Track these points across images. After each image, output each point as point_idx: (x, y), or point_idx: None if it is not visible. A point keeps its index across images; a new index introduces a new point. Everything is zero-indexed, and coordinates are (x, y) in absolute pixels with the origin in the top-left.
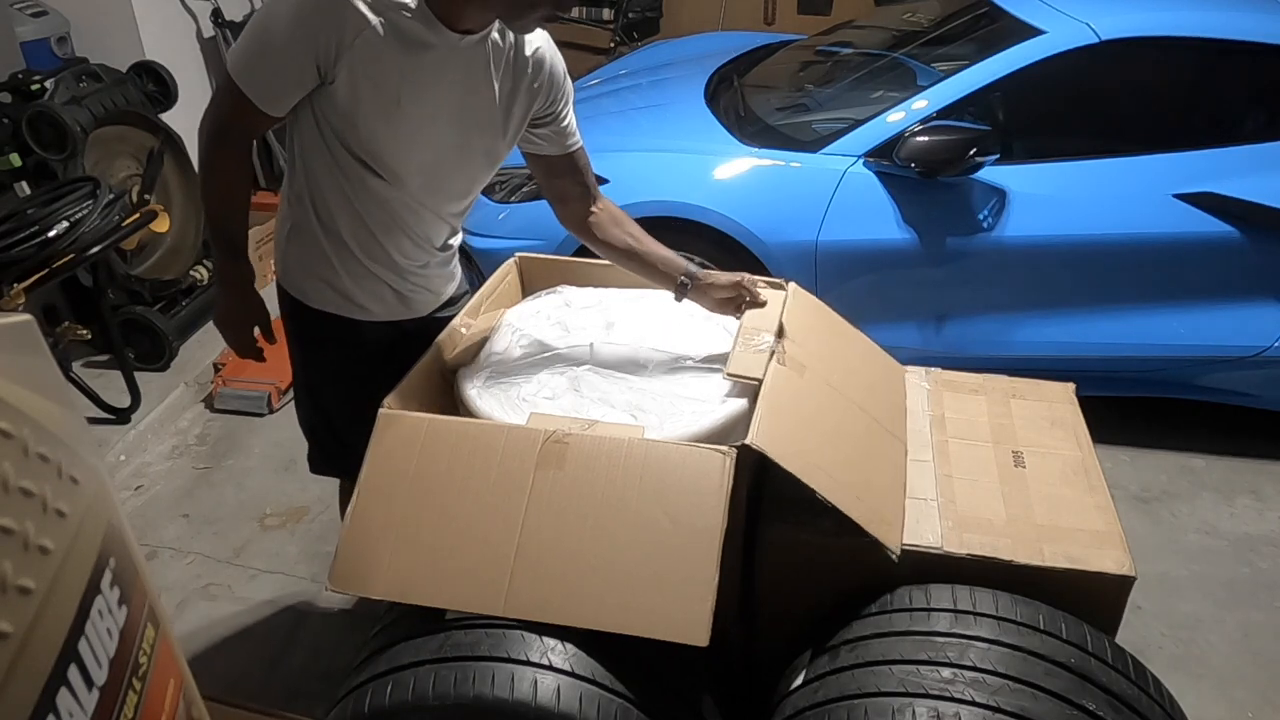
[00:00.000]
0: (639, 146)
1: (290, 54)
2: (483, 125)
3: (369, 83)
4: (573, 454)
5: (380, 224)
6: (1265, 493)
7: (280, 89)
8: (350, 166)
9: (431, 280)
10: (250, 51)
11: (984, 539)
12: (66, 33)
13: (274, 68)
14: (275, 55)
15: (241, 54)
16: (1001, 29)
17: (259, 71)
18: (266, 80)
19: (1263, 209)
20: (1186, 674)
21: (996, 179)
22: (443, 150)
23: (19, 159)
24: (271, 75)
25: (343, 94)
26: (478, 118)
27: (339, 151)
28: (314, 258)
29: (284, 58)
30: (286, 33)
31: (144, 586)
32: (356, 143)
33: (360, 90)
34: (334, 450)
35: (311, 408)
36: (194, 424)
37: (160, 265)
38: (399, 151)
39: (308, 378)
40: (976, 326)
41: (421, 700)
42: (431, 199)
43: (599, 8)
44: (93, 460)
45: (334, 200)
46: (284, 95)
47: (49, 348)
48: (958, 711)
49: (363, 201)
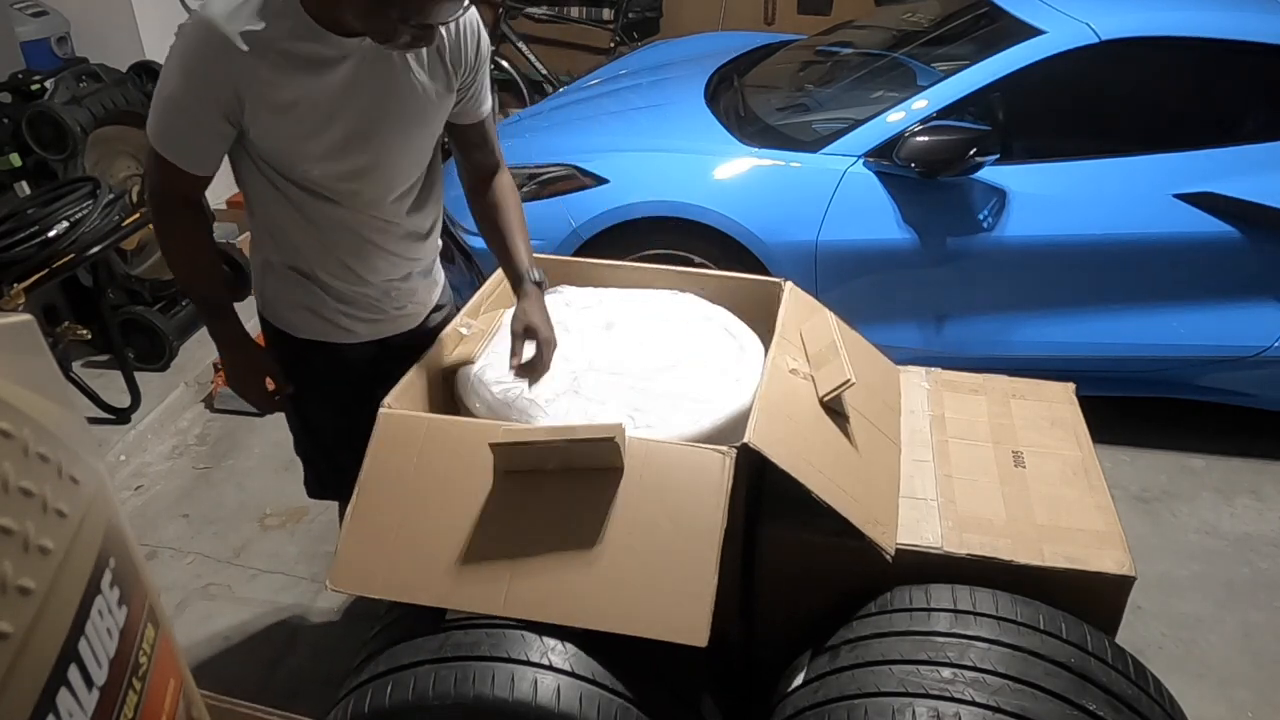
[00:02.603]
0: (639, 146)
1: (196, 115)
2: (415, 115)
3: (286, 118)
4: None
5: (348, 249)
6: (1265, 493)
7: (202, 149)
8: (303, 200)
9: (418, 292)
10: (161, 119)
11: (984, 539)
12: (66, 33)
13: (187, 131)
14: (184, 118)
15: (155, 122)
16: (1001, 29)
17: (175, 137)
18: (185, 144)
19: (1263, 209)
20: (1186, 674)
21: (996, 179)
22: (384, 153)
23: (19, 159)
24: (188, 138)
25: (265, 137)
26: (408, 109)
27: (286, 187)
28: (292, 289)
29: (192, 119)
30: (185, 96)
31: (144, 586)
32: (298, 175)
33: (280, 128)
34: (329, 475)
35: (304, 433)
36: (194, 424)
37: (160, 265)
38: (342, 169)
39: (297, 405)
40: (976, 326)
41: (421, 700)
42: (388, 206)
43: (599, 8)
44: (93, 460)
45: (297, 236)
46: (207, 155)
47: (49, 348)
48: (958, 711)
49: (324, 231)
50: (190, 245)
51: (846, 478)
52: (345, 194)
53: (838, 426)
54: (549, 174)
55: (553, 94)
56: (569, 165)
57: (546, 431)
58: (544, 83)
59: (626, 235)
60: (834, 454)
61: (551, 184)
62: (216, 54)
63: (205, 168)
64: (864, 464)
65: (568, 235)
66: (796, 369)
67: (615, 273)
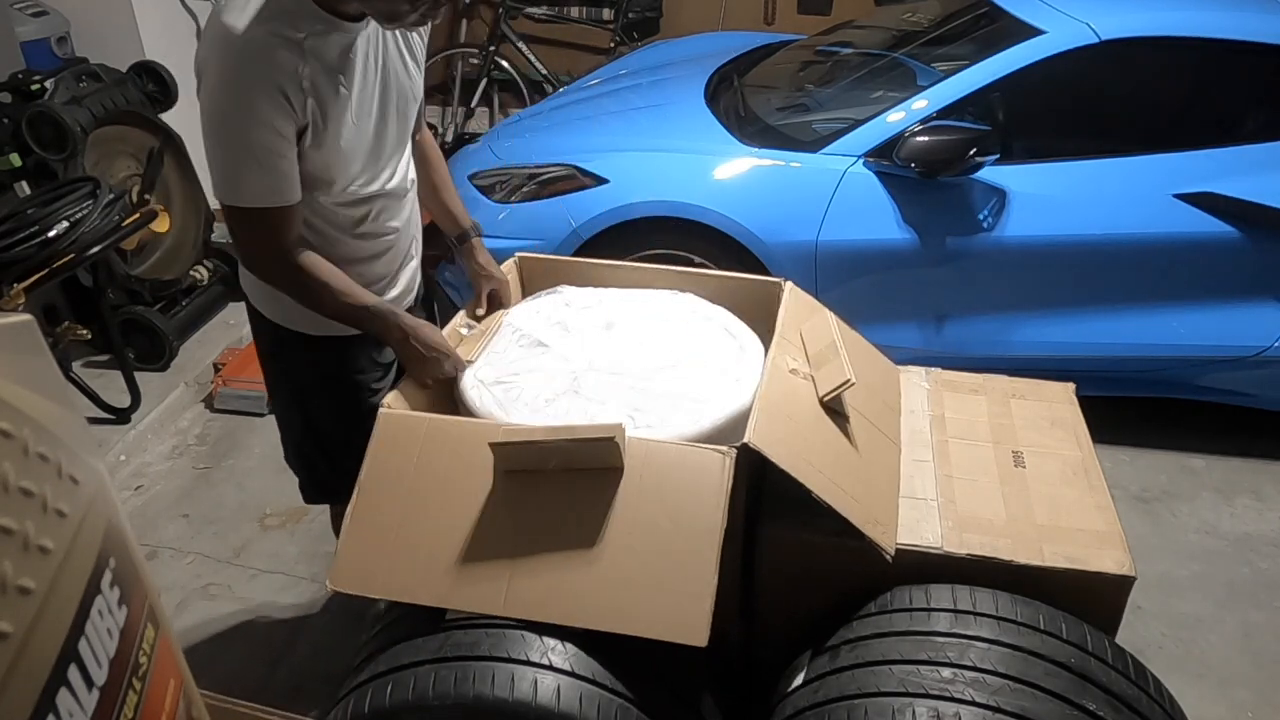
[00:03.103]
0: (639, 146)
1: (265, 137)
2: (412, 93)
3: (333, 107)
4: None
5: (361, 229)
6: (1265, 493)
7: (284, 173)
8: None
9: (410, 260)
10: (231, 170)
11: (984, 539)
12: (66, 33)
13: (263, 159)
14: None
15: (228, 179)
16: (1001, 29)
17: (264, 174)
18: (267, 178)
19: (1263, 209)
20: (1186, 674)
21: (996, 179)
22: (392, 133)
23: (19, 159)
24: (274, 164)
25: (307, 137)
26: (403, 87)
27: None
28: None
29: (263, 144)
30: (254, 115)
31: (144, 586)
32: (310, 183)
33: (324, 120)
34: (327, 476)
35: (304, 433)
36: (194, 424)
37: (160, 265)
38: (352, 158)
39: (302, 406)
40: (976, 326)
41: (421, 700)
42: (394, 181)
43: (599, 8)
44: (93, 460)
45: (317, 235)
46: (290, 178)
47: (49, 348)
48: (958, 711)
49: (341, 222)
50: (330, 279)
51: (846, 478)
52: (344, 190)
53: (838, 426)
54: (549, 174)
55: (553, 94)
56: (569, 165)
57: (546, 431)
58: (544, 83)
59: (626, 235)
60: (834, 454)
61: (551, 184)
62: (261, 56)
63: (294, 191)
64: (864, 464)
65: (568, 235)
66: (796, 369)
67: (615, 273)
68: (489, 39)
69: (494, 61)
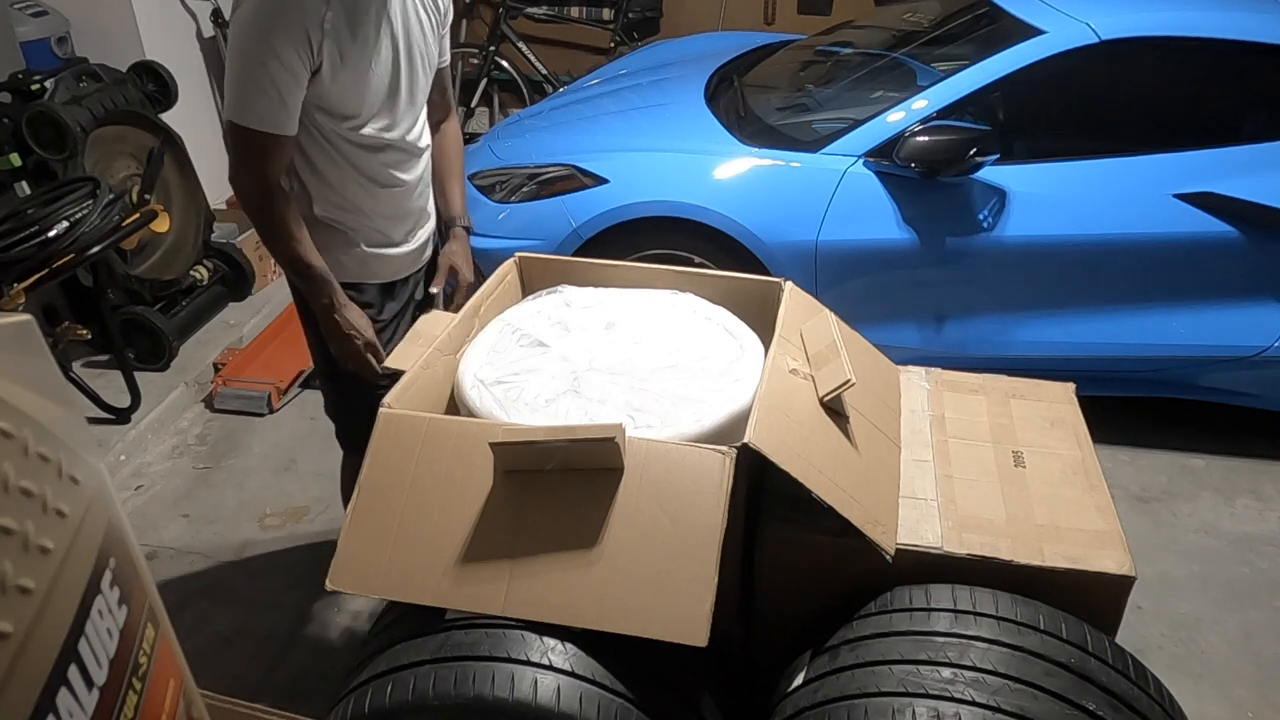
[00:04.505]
0: (639, 146)
1: (275, 69)
2: (425, 50)
3: (350, 47)
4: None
5: (383, 180)
6: (1265, 493)
7: (292, 104)
8: (347, 149)
9: (425, 196)
10: (241, 91)
11: (984, 539)
12: (66, 33)
13: (269, 87)
14: (264, 75)
15: (237, 98)
16: (1001, 29)
17: (259, 100)
18: (269, 105)
19: (1263, 209)
20: (1186, 674)
21: (996, 179)
22: (395, 83)
23: (19, 159)
24: (280, 96)
25: (325, 73)
26: (421, 45)
27: (335, 138)
28: (330, 237)
29: (271, 74)
30: (272, 49)
31: (144, 586)
32: (335, 113)
33: (341, 58)
34: (352, 422)
35: (345, 380)
36: (194, 424)
37: (160, 265)
38: (371, 94)
39: (326, 355)
40: (976, 326)
41: (421, 700)
42: (410, 135)
43: (599, 8)
44: (93, 460)
45: (339, 181)
46: (291, 112)
47: (49, 348)
48: (958, 711)
49: (365, 170)
50: (294, 222)
51: (846, 478)
52: (383, 132)
53: (838, 426)
54: (549, 174)
55: (553, 94)
56: (569, 165)
57: (546, 431)
58: (544, 83)
59: (626, 235)
60: (834, 454)
61: (551, 184)
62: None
63: (291, 124)
64: (864, 464)
65: (568, 235)
66: (796, 369)
67: (615, 273)
68: (489, 39)
69: (494, 61)
